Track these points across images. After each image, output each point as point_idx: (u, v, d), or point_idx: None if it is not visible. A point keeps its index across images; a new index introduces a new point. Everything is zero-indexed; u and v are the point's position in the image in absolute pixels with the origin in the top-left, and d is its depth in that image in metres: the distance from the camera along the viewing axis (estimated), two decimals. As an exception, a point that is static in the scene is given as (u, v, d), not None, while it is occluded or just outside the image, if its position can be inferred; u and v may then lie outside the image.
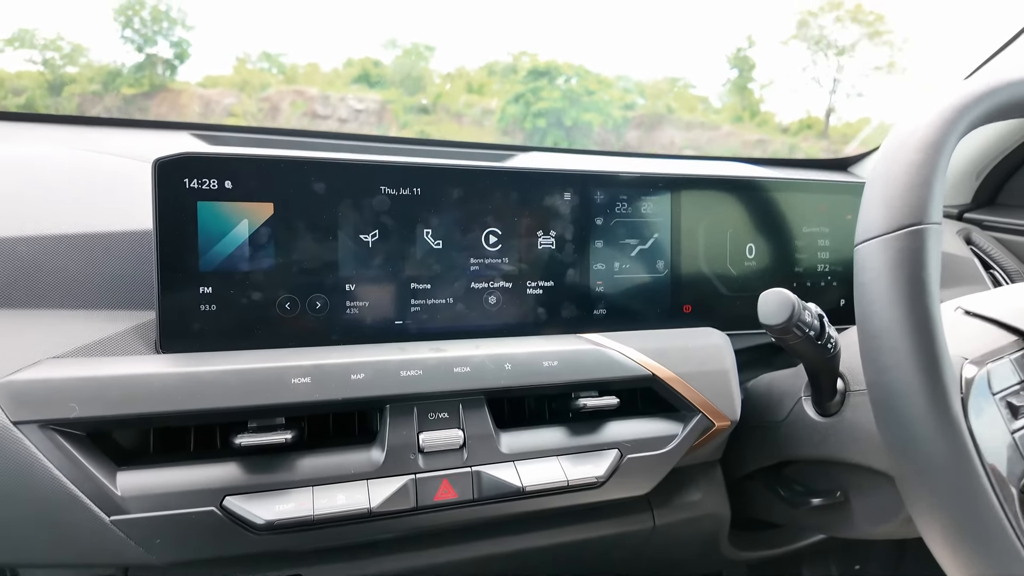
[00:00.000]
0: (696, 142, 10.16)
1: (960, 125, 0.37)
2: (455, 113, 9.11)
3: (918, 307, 0.33)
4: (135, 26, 10.36)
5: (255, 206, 0.47)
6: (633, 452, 0.50)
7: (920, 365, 0.33)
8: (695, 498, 0.60)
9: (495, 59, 10.29)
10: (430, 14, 12.99)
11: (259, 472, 0.42)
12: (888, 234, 0.35)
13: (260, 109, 8.01)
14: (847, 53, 11.80)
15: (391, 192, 0.51)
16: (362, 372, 0.44)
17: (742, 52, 12.97)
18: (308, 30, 11.08)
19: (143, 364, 0.42)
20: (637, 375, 0.51)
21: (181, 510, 0.40)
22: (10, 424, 0.38)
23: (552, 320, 0.56)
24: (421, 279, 0.52)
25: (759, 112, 10.96)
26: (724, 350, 0.55)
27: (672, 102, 10.62)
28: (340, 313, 0.49)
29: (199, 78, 8.32)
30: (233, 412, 0.42)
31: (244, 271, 0.47)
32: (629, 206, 0.58)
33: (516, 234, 0.55)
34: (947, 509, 0.32)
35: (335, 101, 7.96)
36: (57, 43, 9.99)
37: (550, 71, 11.56)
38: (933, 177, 0.36)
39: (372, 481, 0.44)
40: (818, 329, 0.44)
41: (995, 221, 0.82)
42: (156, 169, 0.45)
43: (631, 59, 13.30)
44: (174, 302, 0.46)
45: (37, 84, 6.70)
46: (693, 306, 0.60)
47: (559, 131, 8.94)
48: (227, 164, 0.47)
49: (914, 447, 0.33)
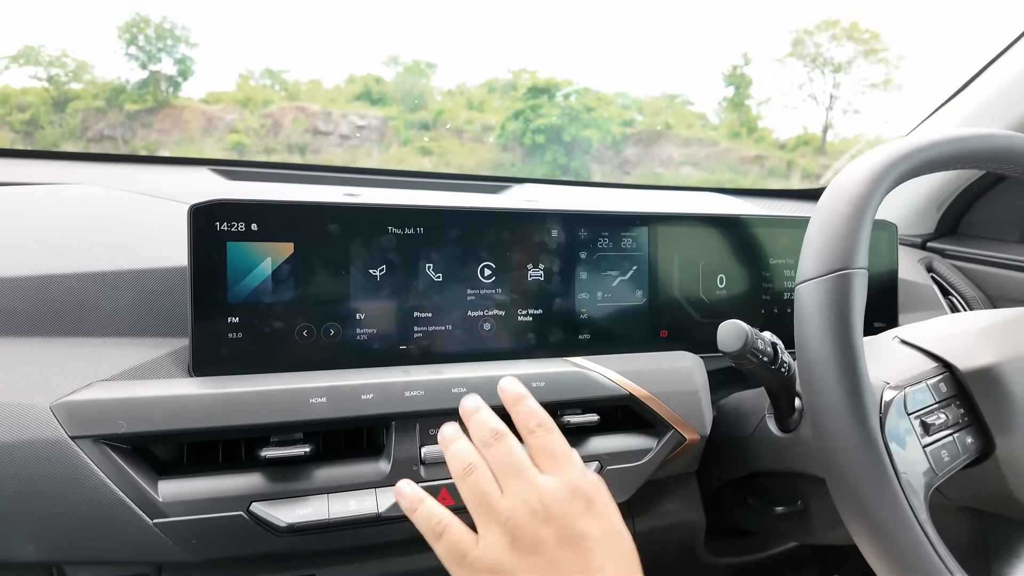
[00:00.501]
0: (694, 158, 10.24)
1: (885, 182, 0.44)
2: (456, 129, 9.22)
3: (844, 341, 0.39)
4: (140, 43, 10.44)
5: (277, 245, 0.54)
6: (612, 464, 0.56)
7: (844, 389, 0.39)
8: (672, 507, 0.66)
9: (495, 76, 10.43)
10: (431, 32, 13.16)
11: (281, 481, 0.48)
12: (820, 277, 0.41)
13: (262, 125, 8.10)
14: (843, 70, 11.95)
15: (397, 232, 0.57)
16: (371, 393, 0.51)
17: (739, 69, 13.11)
18: (311, 47, 11.23)
19: (180, 386, 0.48)
20: (616, 394, 0.57)
21: (213, 514, 0.46)
22: (69, 439, 0.44)
23: (541, 344, 0.62)
24: (423, 308, 0.58)
25: (757, 128, 11.06)
26: (695, 371, 0.61)
27: (670, 119, 10.75)
28: (351, 339, 0.56)
29: (202, 94, 8.44)
30: (258, 428, 0.48)
31: (267, 303, 0.53)
32: (610, 241, 0.64)
33: (508, 267, 0.61)
34: (866, 513, 0.38)
35: (337, 117, 8.06)
36: (62, 60, 10.01)
37: (549, 88, 11.67)
38: (860, 228, 0.42)
39: (380, 489, 0.49)
40: (771, 355, 0.50)
41: (955, 250, 0.88)
42: (191, 214, 0.51)
43: (630, 76, 13.47)
44: (205, 330, 0.52)
45: (42, 100, 6.78)
46: (669, 331, 0.67)
47: (558, 147, 9.04)
48: (253, 209, 0.53)
49: (840, 459, 0.39)
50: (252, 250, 0.53)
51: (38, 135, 7.24)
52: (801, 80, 12.28)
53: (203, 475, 0.48)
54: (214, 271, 0.52)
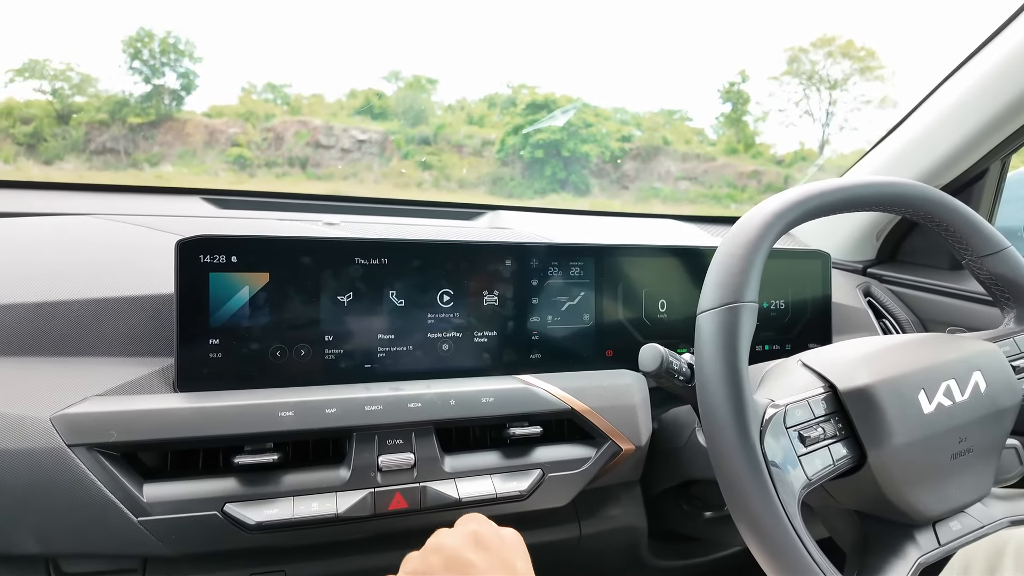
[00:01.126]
0: (692, 173, 10.33)
1: (776, 227, 0.50)
2: (456, 144, 9.31)
3: (731, 365, 0.46)
4: (143, 58, 10.56)
5: (255, 275, 0.61)
6: (553, 471, 0.63)
7: (730, 405, 0.45)
8: (616, 512, 0.72)
9: (495, 91, 10.53)
10: (433, 48, 13.31)
11: (252, 485, 0.54)
12: (714, 309, 0.48)
13: (264, 139, 8.20)
14: (839, 87, 12.09)
15: (363, 262, 0.64)
16: (334, 407, 0.57)
17: (736, 86, 13.24)
18: (313, 62, 11.37)
19: (164, 401, 0.54)
20: (558, 408, 0.64)
21: (192, 513, 0.52)
22: (66, 447, 0.50)
23: (495, 364, 0.68)
24: (386, 331, 0.65)
25: (754, 144, 11.17)
26: (634, 388, 0.68)
27: (668, 134, 10.85)
28: (320, 359, 0.62)
29: (205, 108, 8.55)
30: (233, 438, 0.54)
31: (245, 326, 0.60)
32: (560, 270, 0.71)
33: (465, 294, 0.68)
34: (747, 512, 0.44)
35: (338, 131, 8.16)
36: (66, 73, 10.11)
37: (548, 104, 11.76)
38: (751, 267, 0.49)
39: (340, 493, 0.56)
40: (687, 375, 0.57)
41: (892, 276, 0.95)
42: (178, 248, 0.58)
43: (628, 93, 13.59)
44: (189, 351, 0.58)
45: (45, 113, 6.88)
46: (615, 351, 0.73)
47: (557, 162, 9.13)
48: (233, 243, 0.60)
49: (725, 465, 0.45)
50: (232, 279, 0.60)
51: (41, 147, 7.29)
52: (798, 97, 12.34)
53: (183, 479, 0.54)
54: (198, 298, 0.59)
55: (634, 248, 0.75)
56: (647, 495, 0.75)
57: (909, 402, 0.50)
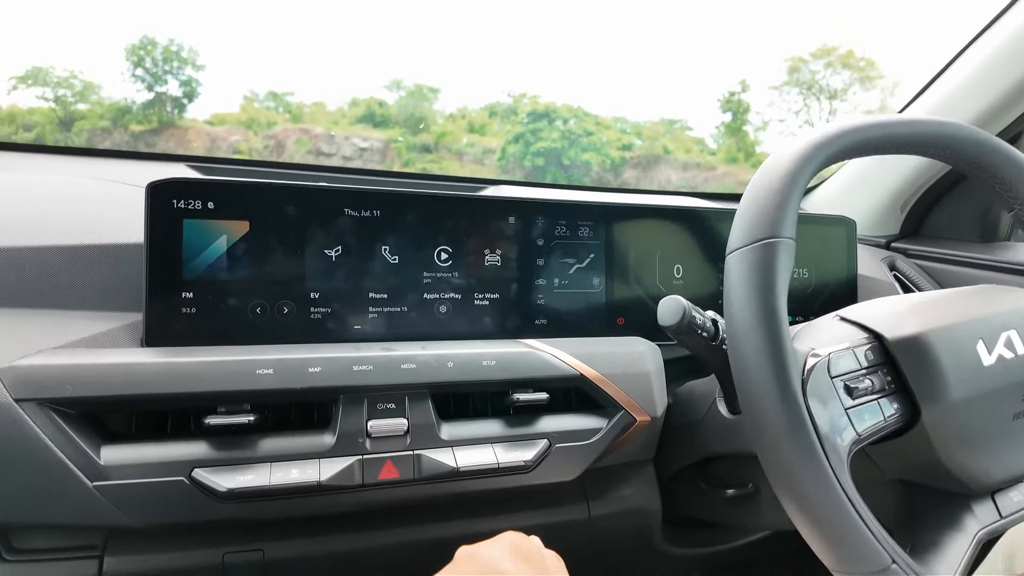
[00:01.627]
0: (692, 181, 10.32)
1: (814, 161, 0.45)
2: (457, 152, 9.31)
3: (766, 305, 0.40)
4: (146, 65, 10.61)
5: (233, 224, 0.55)
6: (561, 442, 0.57)
7: (766, 352, 0.39)
8: (627, 492, 0.66)
9: (496, 100, 10.56)
10: (435, 57, 13.37)
11: (225, 449, 0.49)
12: (747, 246, 0.42)
13: (266, 146, 8.20)
14: (839, 97, 12.11)
15: (353, 214, 0.58)
16: (319, 366, 0.51)
17: (736, 96, 13.28)
18: (315, 71, 11.42)
19: (129, 355, 0.49)
20: (567, 375, 0.58)
21: (155, 478, 0.47)
22: (12, 401, 0.45)
23: (497, 329, 0.63)
24: (378, 290, 0.59)
25: (754, 153, 11.16)
26: (647, 355, 0.62)
27: (669, 143, 10.85)
28: (304, 318, 0.57)
29: (207, 115, 8.55)
30: (204, 397, 0.49)
31: (222, 279, 0.55)
32: (567, 230, 0.66)
33: (465, 252, 0.62)
34: (788, 473, 0.39)
35: (340, 139, 8.16)
36: (70, 81, 10.17)
37: (549, 113, 11.80)
38: (788, 200, 0.43)
39: (324, 460, 0.50)
40: (711, 332, 0.51)
41: (918, 250, 0.90)
42: (149, 191, 0.53)
43: (629, 102, 13.63)
44: (159, 305, 0.53)
45: (48, 120, 6.88)
46: (626, 318, 0.68)
47: (558, 170, 9.12)
48: (210, 187, 0.55)
49: (763, 420, 0.39)
50: (208, 227, 0.54)
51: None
52: (798, 107, 12.41)
53: (147, 442, 0.48)
54: (170, 247, 0.53)
55: (648, 208, 0.69)
56: (661, 476, 0.69)
57: (967, 353, 0.44)
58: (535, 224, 0.65)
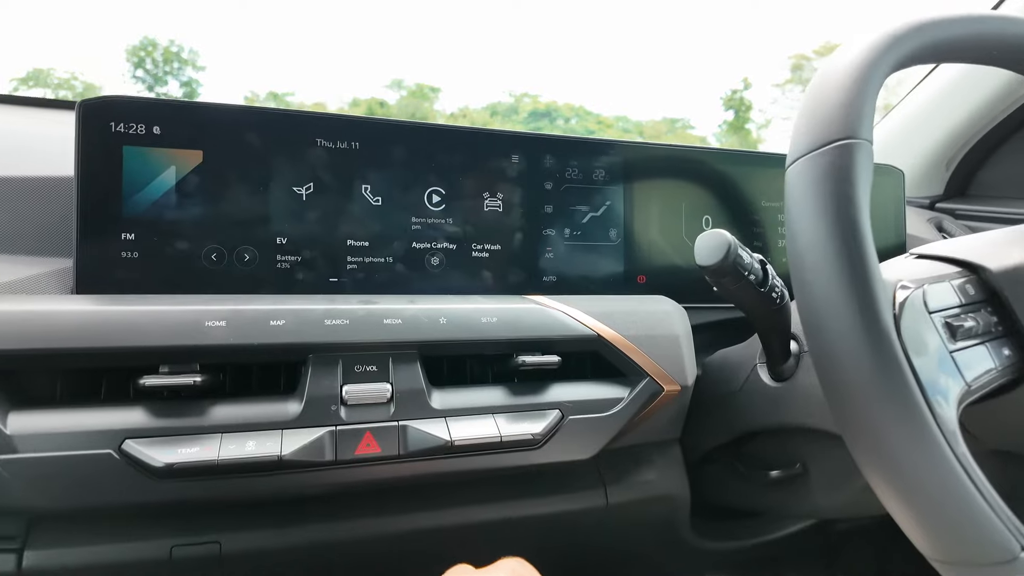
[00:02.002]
0: (695, 180, 10.25)
1: (893, 53, 0.36)
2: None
3: (844, 220, 0.31)
4: (147, 66, 10.56)
5: (184, 153, 0.46)
6: (575, 413, 0.48)
7: (847, 277, 0.30)
8: (651, 477, 0.57)
9: (498, 100, 10.49)
10: (436, 56, 13.34)
11: (165, 416, 0.40)
12: (814, 151, 0.34)
13: (265, 146, 8.11)
14: (843, 95, 12.03)
15: (327, 145, 0.49)
16: (282, 319, 0.42)
17: (739, 94, 13.23)
18: (316, 70, 11.40)
19: (51, 302, 0.40)
20: (581, 335, 0.49)
21: (76, 451, 0.37)
22: None
23: (498, 285, 0.54)
24: (358, 236, 0.50)
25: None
26: (675, 316, 0.53)
27: (671, 142, 10.78)
28: (270, 267, 0.48)
29: (206, 116, 8.47)
30: (142, 353, 0.40)
31: (170, 219, 0.46)
32: (580, 172, 0.57)
33: (461, 195, 0.53)
34: (880, 439, 0.30)
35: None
36: (71, 82, 10.18)
37: (551, 111, 11.74)
38: (864, 96, 0.34)
39: (287, 431, 0.41)
40: (760, 274, 0.42)
41: (968, 210, 0.81)
42: (80, 111, 0.44)
43: (630, 101, 13.61)
44: (94, 247, 0.44)
45: (48, 121, 6.81)
46: (648, 276, 0.59)
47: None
48: (155, 109, 0.46)
49: (844, 368, 0.30)
50: (153, 157, 0.46)
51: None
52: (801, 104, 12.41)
53: (69, 408, 0.39)
54: (107, 179, 0.44)
55: (674, 149, 0.60)
56: (688, 458, 0.60)
57: None
58: (543, 164, 0.56)
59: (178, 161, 0.46)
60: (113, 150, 0.45)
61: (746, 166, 0.62)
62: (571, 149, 0.56)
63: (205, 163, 0.46)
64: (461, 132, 0.53)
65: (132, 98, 0.45)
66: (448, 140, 0.53)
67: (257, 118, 0.48)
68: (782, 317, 0.46)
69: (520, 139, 0.55)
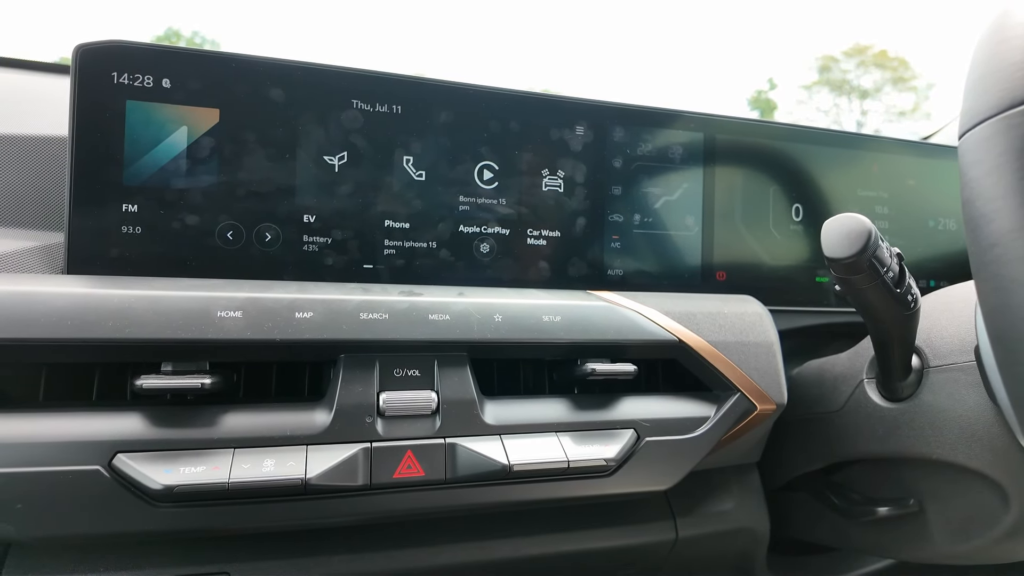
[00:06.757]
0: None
1: None
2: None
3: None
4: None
5: (198, 111, 0.39)
6: (654, 435, 0.40)
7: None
8: (727, 507, 0.49)
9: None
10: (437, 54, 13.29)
11: (165, 426, 0.32)
12: (1001, 113, 0.26)
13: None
14: (870, 97, 11.78)
15: (365, 108, 0.42)
16: (310, 311, 0.35)
17: (764, 95, 13.01)
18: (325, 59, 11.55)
19: (35, 283, 0.33)
20: (660, 340, 0.41)
21: (55, 467, 0.30)
22: None
23: (557, 278, 0.46)
24: (397, 216, 0.43)
25: (782, 154, 10.91)
26: (766, 320, 0.45)
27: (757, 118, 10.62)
28: (295, 248, 0.41)
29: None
30: (140, 347, 0.32)
31: (179, 188, 0.39)
32: (654, 148, 0.49)
33: (516, 171, 0.45)
34: None
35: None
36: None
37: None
38: None
39: (313, 447, 0.34)
40: (897, 273, 0.34)
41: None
42: (77, 57, 0.37)
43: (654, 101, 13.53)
44: (89, 219, 0.37)
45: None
46: (728, 273, 0.51)
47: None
48: (166, 58, 0.39)
49: None
50: (162, 114, 0.38)
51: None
52: (827, 106, 12.15)
53: (50, 412, 0.32)
54: (107, 139, 0.37)
55: (764, 128, 0.52)
56: (768, 485, 0.52)
57: None
58: (611, 137, 0.48)
59: (190, 120, 0.39)
60: (114, 105, 0.38)
61: (846, 148, 0.54)
62: (645, 121, 0.48)
63: (222, 124, 0.39)
64: (520, 97, 0.46)
65: (139, 44, 0.38)
66: (504, 106, 0.45)
67: (284, 73, 0.40)
68: (911, 325, 0.38)
69: (587, 107, 0.47)
